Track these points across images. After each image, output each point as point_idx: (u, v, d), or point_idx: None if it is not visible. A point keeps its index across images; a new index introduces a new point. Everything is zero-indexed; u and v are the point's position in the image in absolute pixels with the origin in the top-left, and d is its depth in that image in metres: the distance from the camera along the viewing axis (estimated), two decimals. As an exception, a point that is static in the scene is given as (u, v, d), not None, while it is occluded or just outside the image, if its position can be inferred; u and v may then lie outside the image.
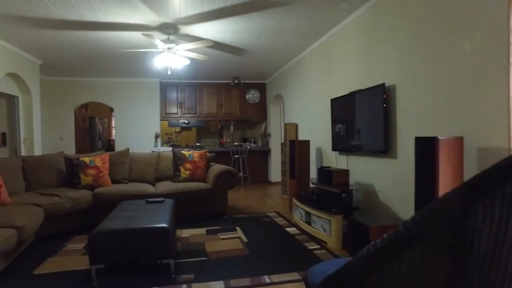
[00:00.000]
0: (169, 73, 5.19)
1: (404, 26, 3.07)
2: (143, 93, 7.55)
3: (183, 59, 4.53)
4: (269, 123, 8.00)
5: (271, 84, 7.79)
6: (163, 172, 4.85)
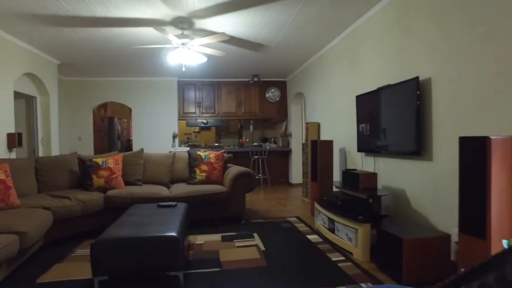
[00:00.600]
0: (184, 70, 4.98)
1: (441, 11, 2.71)
2: (161, 92, 7.43)
3: (199, 56, 4.32)
4: (290, 123, 7.70)
5: (292, 82, 7.48)
6: (179, 174, 4.66)
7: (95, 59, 5.69)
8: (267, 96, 7.91)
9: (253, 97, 7.85)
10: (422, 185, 2.96)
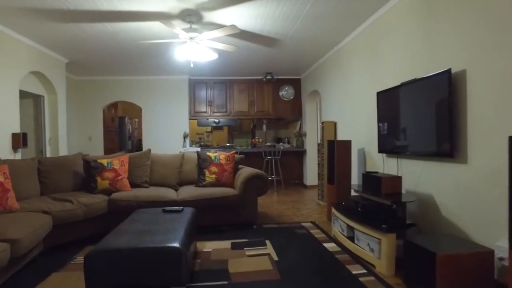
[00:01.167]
0: (192, 66, 4.77)
1: (479, -6, 2.38)
2: (171, 91, 7.25)
3: (209, 52, 4.09)
4: (305, 122, 7.40)
5: (307, 80, 7.18)
6: (187, 176, 4.44)
7: (103, 57, 5.53)
8: (281, 95, 7.63)
9: (266, 96, 7.59)
10: (455, 191, 2.64)
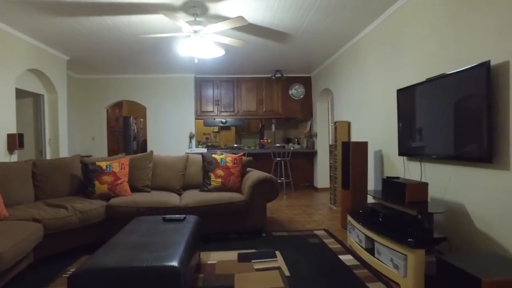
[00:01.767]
0: (196, 62, 4.50)
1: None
2: (177, 90, 7.00)
3: (215, 47, 3.81)
4: (315, 122, 7.08)
5: (318, 77, 6.86)
6: (192, 179, 4.17)
7: (105, 54, 5.30)
8: (291, 93, 7.32)
9: (275, 95, 7.28)
10: (493, 201, 2.31)
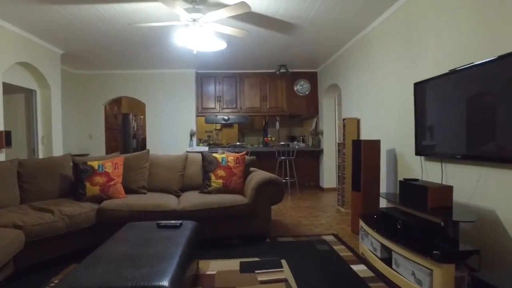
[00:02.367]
0: (195, 53, 4.21)
1: None
2: (177, 86, 6.72)
3: (215, 39, 3.53)
4: (321, 119, 6.78)
5: (324, 73, 6.55)
6: (191, 180, 3.90)
7: (101, 48, 5.03)
8: (296, 89, 7.02)
9: (280, 91, 6.99)
10: (531, 208, 2.02)
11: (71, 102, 6.38)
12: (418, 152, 3.12)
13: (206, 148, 6.56)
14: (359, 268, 2.72)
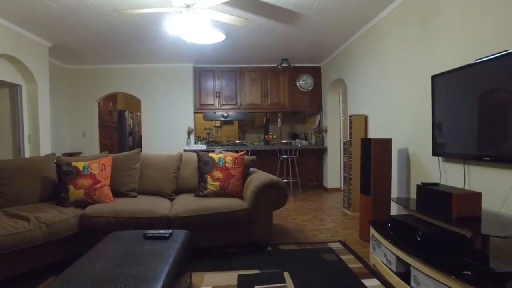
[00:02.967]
0: (189, 43, 3.90)
1: None
2: (174, 81, 6.40)
3: (212, 30, 3.22)
4: (325, 116, 6.46)
5: (329, 67, 6.22)
6: (186, 182, 3.60)
7: (92, 40, 4.71)
8: (298, 85, 6.70)
9: (282, 86, 6.67)
10: None
11: (64, 98, 6.08)
12: (436, 153, 2.81)
13: (205, 147, 6.26)
14: (372, 283, 2.42)
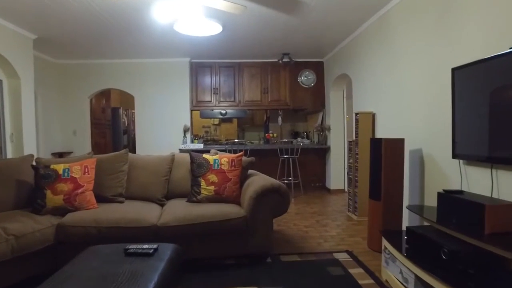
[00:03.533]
0: (178, 31, 3.58)
1: None
2: (169, 77, 6.09)
3: (207, 21, 2.90)
4: (328, 113, 6.15)
5: (332, 62, 5.90)
6: (178, 185, 3.29)
7: (80, 32, 4.39)
8: (300, 81, 6.38)
9: (282, 82, 6.35)
10: None
11: (53, 95, 5.78)
12: (457, 154, 2.50)
13: (202, 146, 5.95)
14: (386, 305, 2.12)
